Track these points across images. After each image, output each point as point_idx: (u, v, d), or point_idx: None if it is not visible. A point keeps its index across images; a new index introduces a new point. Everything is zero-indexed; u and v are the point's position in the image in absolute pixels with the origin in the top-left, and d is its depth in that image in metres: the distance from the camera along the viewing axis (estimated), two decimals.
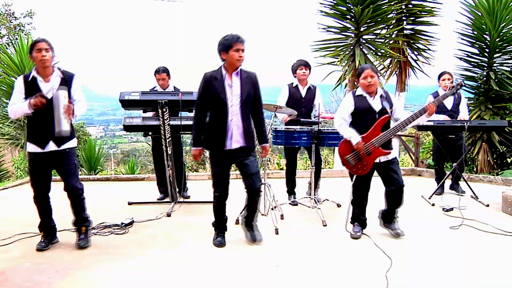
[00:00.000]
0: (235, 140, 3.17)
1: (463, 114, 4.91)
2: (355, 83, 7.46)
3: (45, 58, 3.03)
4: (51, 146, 3.11)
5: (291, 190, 4.78)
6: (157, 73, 4.89)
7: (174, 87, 5.00)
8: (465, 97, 5.11)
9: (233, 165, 3.39)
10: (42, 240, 3.27)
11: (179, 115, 4.65)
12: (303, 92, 4.62)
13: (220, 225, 3.38)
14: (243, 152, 3.22)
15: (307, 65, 4.61)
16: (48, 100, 2.99)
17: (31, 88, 3.05)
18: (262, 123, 3.36)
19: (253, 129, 3.30)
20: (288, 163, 4.75)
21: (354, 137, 3.31)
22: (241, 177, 3.30)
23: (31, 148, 3.14)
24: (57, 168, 3.22)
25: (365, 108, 3.32)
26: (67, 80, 3.15)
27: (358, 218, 3.54)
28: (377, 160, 3.34)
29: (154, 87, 4.98)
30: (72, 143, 3.23)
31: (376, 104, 3.32)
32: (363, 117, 3.33)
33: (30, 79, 3.08)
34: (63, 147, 3.16)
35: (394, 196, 3.39)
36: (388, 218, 3.52)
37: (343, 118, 3.40)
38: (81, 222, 3.31)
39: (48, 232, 3.30)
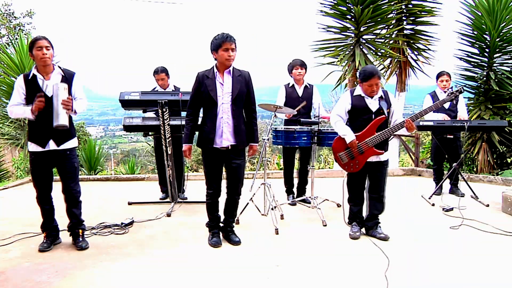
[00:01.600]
0: (225, 138, 3.18)
1: (462, 113, 4.91)
2: (355, 83, 7.47)
3: (46, 57, 3.01)
4: (51, 145, 3.10)
5: (289, 190, 4.79)
6: (156, 73, 4.88)
7: (175, 86, 4.99)
8: (464, 97, 5.11)
9: None
10: (44, 240, 3.26)
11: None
12: (299, 91, 4.62)
13: (214, 224, 3.39)
14: (233, 153, 3.23)
15: (302, 65, 4.61)
16: (47, 98, 2.98)
17: (32, 87, 3.04)
18: (253, 122, 3.35)
19: (244, 127, 3.28)
20: (286, 163, 4.75)
21: (348, 135, 3.33)
22: None
23: (32, 147, 3.13)
24: (58, 168, 3.22)
25: (362, 107, 3.34)
26: (67, 78, 3.14)
27: (356, 217, 3.54)
28: (368, 160, 3.35)
29: (154, 88, 4.97)
30: (72, 143, 3.21)
31: (373, 104, 3.33)
32: (359, 116, 3.35)
33: (31, 77, 3.07)
34: (63, 147, 3.15)
35: (373, 202, 3.46)
36: (370, 224, 3.49)
37: (339, 115, 3.42)
38: (78, 225, 3.31)
39: (50, 232, 3.29)
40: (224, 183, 3.34)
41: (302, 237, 3.54)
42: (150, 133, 4.86)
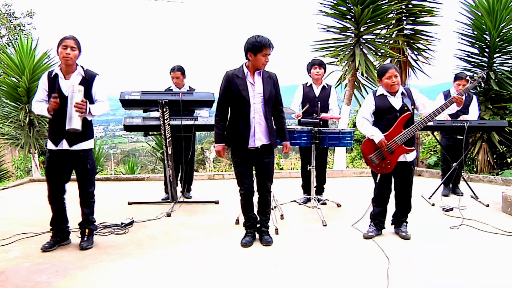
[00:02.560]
0: (258, 138, 3.19)
1: (472, 115, 4.88)
2: (355, 83, 7.47)
3: (68, 56, 3.05)
4: (64, 145, 3.13)
5: (306, 188, 4.75)
6: (172, 71, 4.90)
7: (190, 86, 5.00)
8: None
9: None
10: (49, 240, 3.25)
11: (197, 115, 4.72)
12: (317, 91, 4.63)
13: (250, 224, 3.36)
14: (265, 151, 3.24)
15: (321, 65, 4.62)
16: (64, 97, 3.00)
17: (53, 85, 3.10)
18: (283, 122, 3.38)
19: (274, 128, 3.31)
20: (303, 163, 4.74)
21: (376, 135, 3.30)
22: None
23: (49, 145, 3.17)
24: (74, 168, 3.25)
25: (386, 107, 3.32)
26: (88, 80, 3.16)
27: (376, 218, 3.52)
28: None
29: (169, 87, 4.98)
30: (86, 145, 3.21)
31: (396, 102, 3.31)
32: (384, 116, 3.33)
33: (53, 76, 3.12)
34: (75, 147, 3.15)
35: (400, 201, 3.45)
36: (396, 221, 3.55)
37: (365, 118, 3.40)
38: (86, 224, 3.30)
39: (57, 232, 3.28)
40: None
41: (302, 237, 3.53)
42: (150, 133, 4.86)
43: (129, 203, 4.76)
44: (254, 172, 3.35)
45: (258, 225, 3.43)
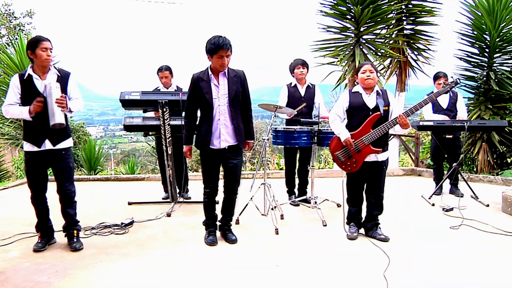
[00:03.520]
0: (223, 139, 3.20)
1: (461, 113, 4.90)
2: (356, 82, 7.47)
3: (50, 58, 3.04)
4: (47, 145, 3.10)
5: (291, 191, 4.78)
6: (160, 71, 4.89)
7: (177, 86, 5.00)
8: (464, 97, 5.10)
9: None
10: (39, 241, 3.26)
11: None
12: (302, 91, 4.62)
13: (210, 223, 3.41)
14: (230, 152, 3.25)
15: (304, 64, 4.60)
16: (43, 98, 2.98)
17: (27, 86, 3.04)
18: (249, 120, 3.38)
19: (242, 127, 3.30)
20: (287, 163, 4.75)
21: (343, 133, 3.34)
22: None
23: (28, 147, 3.12)
24: (53, 168, 3.21)
25: (359, 105, 3.34)
26: (63, 78, 3.15)
27: (354, 217, 3.53)
28: (366, 159, 3.34)
29: (157, 87, 4.98)
30: (68, 143, 3.22)
31: (370, 101, 3.33)
32: (356, 114, 3.36)
33: (26, 77, 3.06)
34: (59, 146, 3.14)
35: (371, 202, 3.44)
36: (368, 225, 3.47)
37: (337, 114, 3.43)
38: (73, 226, 3.29)
39: (45, 233, 3.29)
40: (221, 183, 3.35)
41: (302, 237, 3.54)
42: (150, 133, 4.86)
43: (129, 203, 4.76)
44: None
45: (220, 223, 3.45)
